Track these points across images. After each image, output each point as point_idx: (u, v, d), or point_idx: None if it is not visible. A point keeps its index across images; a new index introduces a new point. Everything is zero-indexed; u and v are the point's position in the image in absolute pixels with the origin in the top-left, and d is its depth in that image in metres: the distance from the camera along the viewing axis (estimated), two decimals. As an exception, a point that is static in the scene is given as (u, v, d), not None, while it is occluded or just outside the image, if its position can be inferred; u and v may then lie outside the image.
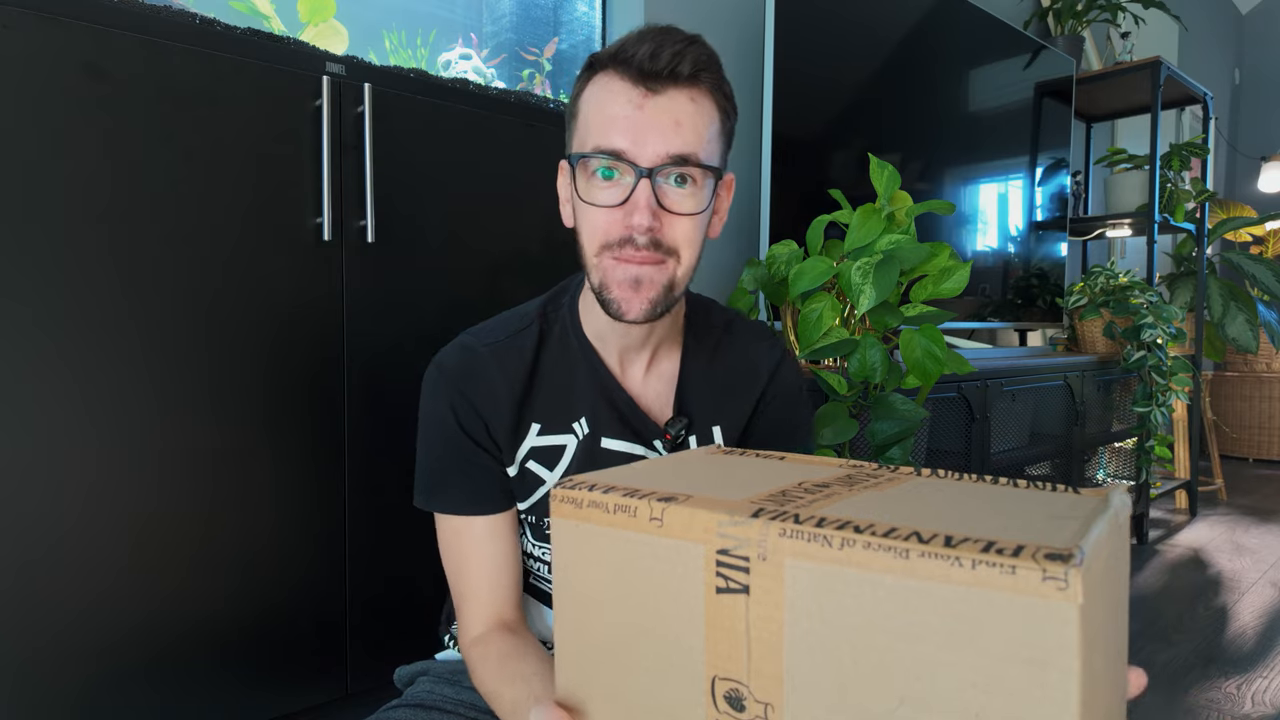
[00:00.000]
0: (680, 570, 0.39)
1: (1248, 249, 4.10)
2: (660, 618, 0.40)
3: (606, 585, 0.43)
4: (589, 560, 0.43)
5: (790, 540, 0.36)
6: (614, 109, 0.67)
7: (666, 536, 0.40)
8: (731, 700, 0.38)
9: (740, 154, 1.96)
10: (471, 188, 1.19)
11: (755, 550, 0.37)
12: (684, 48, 0.67)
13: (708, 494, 0.41)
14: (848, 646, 0.35)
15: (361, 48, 1.47)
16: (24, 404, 0.83)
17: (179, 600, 0.94)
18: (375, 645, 1.11)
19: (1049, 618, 0.30)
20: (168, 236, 0.92)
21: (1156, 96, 2.73)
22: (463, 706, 0.77)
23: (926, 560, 0.32)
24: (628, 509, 0.41)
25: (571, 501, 0.44)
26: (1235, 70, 4.97)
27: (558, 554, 0.45)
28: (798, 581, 0.36)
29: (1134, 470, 2.53)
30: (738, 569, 0.37)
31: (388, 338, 1.10)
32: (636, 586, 0.41)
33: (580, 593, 0.44)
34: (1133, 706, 0.46)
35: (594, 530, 0.43)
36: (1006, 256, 2.44)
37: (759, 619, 0.37)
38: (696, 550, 0.39)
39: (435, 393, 0.75)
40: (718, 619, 0.38)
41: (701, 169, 0.68)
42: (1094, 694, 0.33)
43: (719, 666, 0.39)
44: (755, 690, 0.37)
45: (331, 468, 1.06)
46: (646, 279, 0.69)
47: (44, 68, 0.83)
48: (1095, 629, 0.32)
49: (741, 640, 0.38)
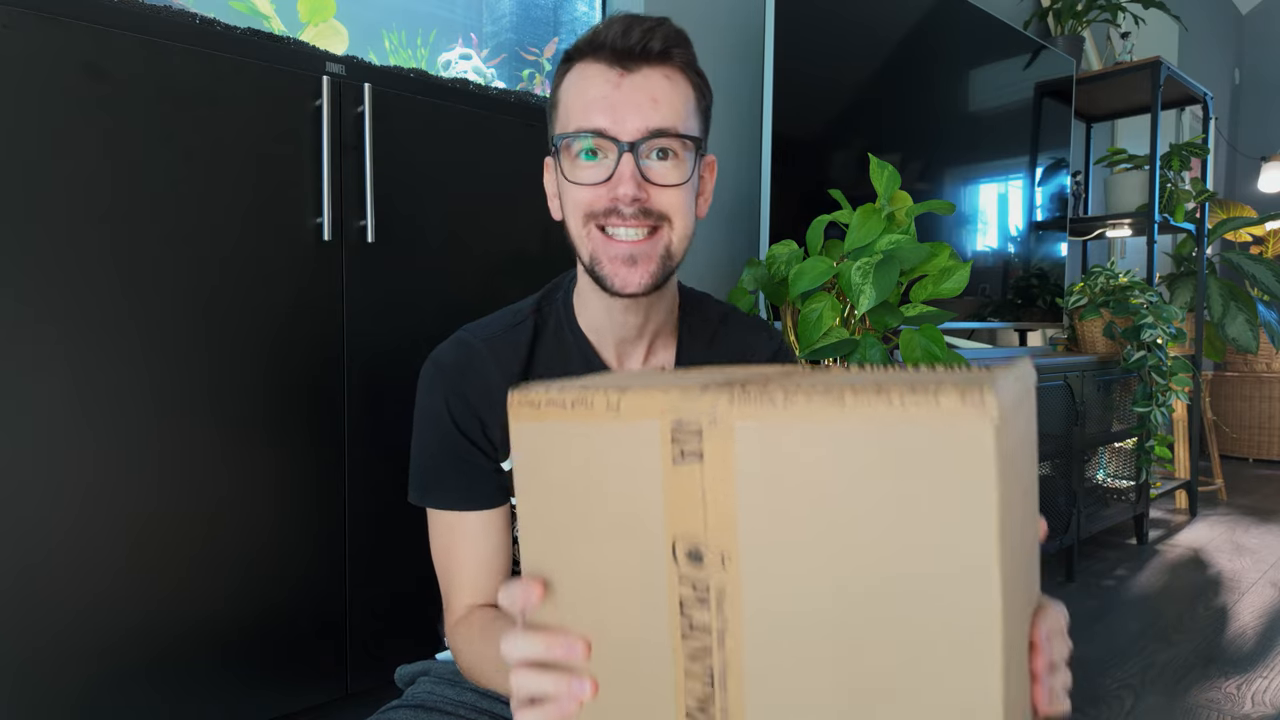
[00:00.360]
0: (638, 449, 0.42)
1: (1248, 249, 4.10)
2: (621, 496, 0.43)
3: (568, 476, 0.44)
4: (550, 456, 0.45)
5: (739, 405, 0.39)
6: (592, 91, 0.68)
7: (624, 421, 0.42)
8: (691, 555, 0.41)
9: (740, 154, 1.96)
10: (471, 188, 1.19)
11: (707, 418, 0.40)
12: (654, 26, 0.68)
13: (659, 384, 0.44)
14: (792, 492, 0.38)
15: (361, 48, 1.47)
16: (24, 404, 0.83)
17: (179, 600, 0.94)
18: (375, 645, 1.11)
19: (969, 437, 0.33)
20: (168, 236, 0.92)
21: (1156, 96, 2.73)
22: (463, 707, 0.77)
23: (860, 403, 0.36)
24: (585, 402, 0.43)
25: (529, 404, 0.45)
26: (1235, 70, 4.97)
27: (518, 457, 0.46)
28: (747, 440, 0.39)
29: (1134, 470, 2.53)
30: (692, 437, 0.40)
31: (388, 338, 1.10)
32: (597, 472, 0.43)
33: (543, 486, 0.46)
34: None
35: (553, 427, 0.44)
36: (1006, 256, 2.44)
37: (714, 481, 0.40)
38: (652, 427, 0.41)
39: (431, 388, 0.75)
40: (676, 488, 0.41)
41: (681, 139, 0.69)
42: (1010, 521, 0.36)
43: (678, 530, 0.41)
44: (712, 543, 0.40)
45: (331, 468, 1.06)
46: (641, 254, 0.69)
47: (44, 68, 0.83)
48: (1009, 460, 0.35)
49: (698, 503, 0.40)
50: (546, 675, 0.46)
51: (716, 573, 0.40)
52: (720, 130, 1.91)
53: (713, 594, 0.40)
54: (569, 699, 0.45)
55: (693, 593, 0.41)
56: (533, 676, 0.46)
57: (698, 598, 0.41)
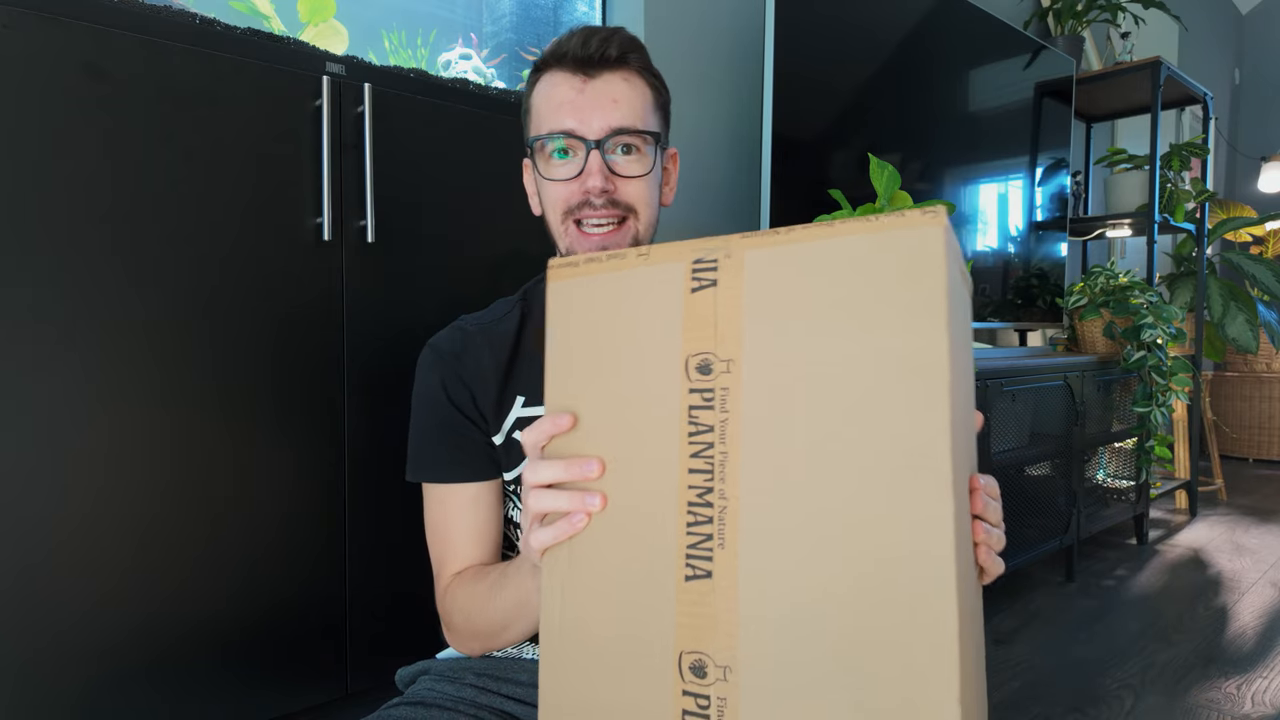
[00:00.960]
0: (663, 284, 0.48)
1: (1248, 249, 4.10)
2: (645, 327, 0.49)
3: (597, 318, 0.50)
4: (583, 304, 0.51)
5: (749, 238, 0.46)
6: (559, 96, 0.75)
7: (652, 264, 0.49)
8: (701, 368, 0.47)
9: (740, 154, 1.96)
10: (471, 188, 1.19)
11: (723, 251, 0.47)
12: (610, 34, 0.75)
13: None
14: (790, 300, 0.45)
15: (361, 48, 1.47)
16: (25, 404, 0.84)
17: (179, 600, 0.94)
18: (375, 645, 1.11)
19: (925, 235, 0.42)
20: (168, 236, 0.92)
21: (1156, 96, 2.73)
22: (463, 704, 0.77)
23: (846, 224, 0.44)
24: (619, 255, 0.50)
25: (569, 264, 0.52)
26: (1235, 70, 4.97)
27: (553, 310, 0.52)
28: (755, 265, 0.46)
29: (1134, 470, 2.53)
30: (709, 269, 0.47)
31: (388, 338, 1.10)
32: (625, 309, 0.49)
33: (573, 332, 0.51)
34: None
35: (587, 280, 0.51)
36: (1006, 256, 2.44)
37: (725, 301, 0.46)
38: (676, 267, 0.48)
39: (428, 370, 0.81)
40: (693, 311, 0.47)
41: (641, 135, 0.76)
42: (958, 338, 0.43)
43: (692, 347, 0.47)
44: (719, 354, 0.46)
45: (332, 467, 1.06)
46: (612, 245, 0.76)
47: (44, 68, 0.84)
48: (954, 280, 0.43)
49: (710, 322, 0.47)
50: (560, 493, 0.50)
51: (722, 378, 0.46)
52: (720, 130, 1.91)
53: (716, 396, 0.46)
54: (579, 512, 0.49)
55: (700, 400, 0.47)
56: (547, 495, 0.50)
57: (704, 402, 0.46)
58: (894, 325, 0.42)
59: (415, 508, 0.83)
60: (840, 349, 0.43)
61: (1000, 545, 0.50)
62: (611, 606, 0.48)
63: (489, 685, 0.80)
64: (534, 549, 0.51)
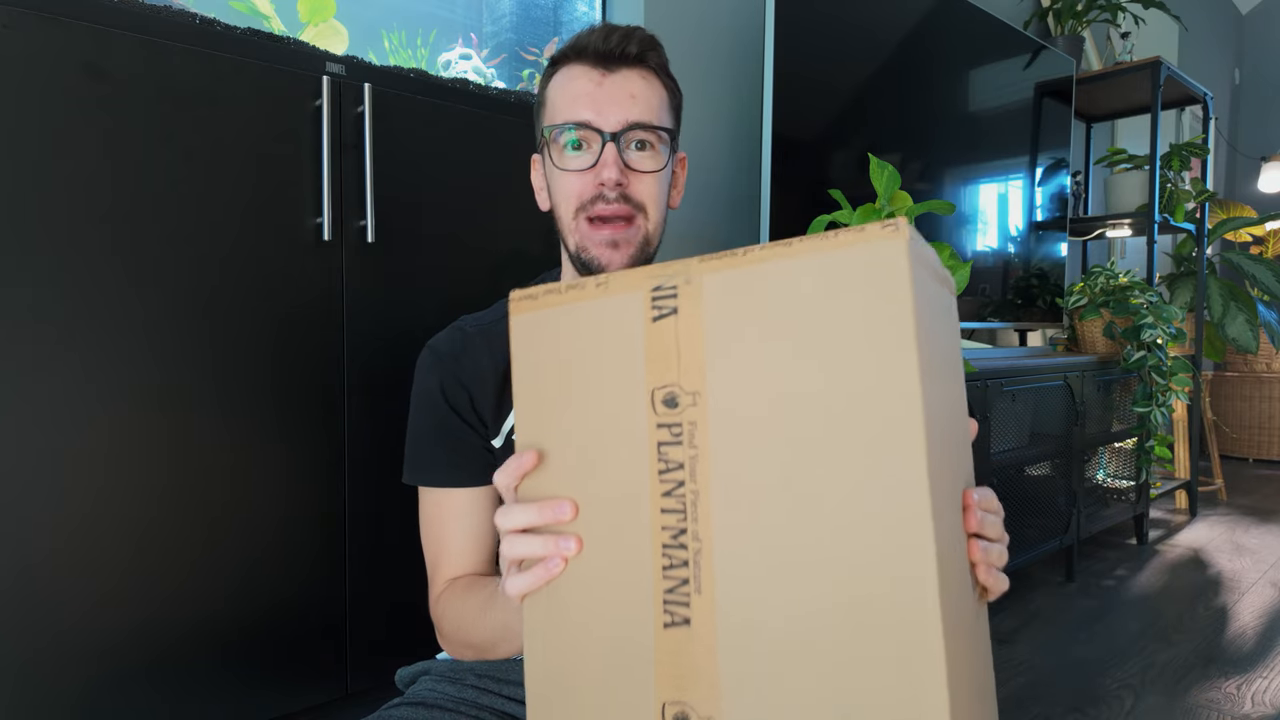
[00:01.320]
0: (623, 315, 0.47)
1: (1248, 249, 4.10)
2: (607, 359, 0.47)
3: (562, 352, 0.49)
4: (544, 338, 0.50)
5: (708, 262, 0.45)
6: (576, 88, 0.76)
7: (611, 294, 0.47)
8: (668, 401, 0.46)
9: (740, 154, 1.96)
10: (471, 188, 1.19)
11: (682, 278, 0.45)
12: (630, 31, 0.76)
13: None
14: (750, 323, 0.43)
15: (361, 48, 1.47)
16: (24, 404, 0.83)
17: (179, 600, 0.94)
18: (375, 645, 1.11)
19: (886, 250, 0.40)
20: (168, 237, 0.92)
21: (1156, 96, 2.73)
22: (464, 704, 0.77)
23: (804, 242, 0.42)
24: (578, 286, 0.49)
25: (529, 297, 0.50)
26: (1235, 70, 4.97)
27: (516, 345, 0.51)
28: (714, 289, 0.44)
29: (1134, 470, 2.53)
30: (668, 297, 0.46)
31: (388, 338, 1.10)
32: (587, 343, 0.48)
33: (537, 366, 0.50)
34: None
35: (548, 314, 0.50)
36: (1006, 256, 2.44)
37: (686, 330, 0.45)
38: (636, 296, 0.46)
39: (426, 372, 0.81)
40: (654, 342, 0.46)
41: (657, 132, 0.76)
42: (931, 359, 0.41)
43: (656, 379, 0.46)
44: (685, 385, 0.45)
45: (332, 468, 1.06)
46: (623, 239, 0.76)
47: (44, 68, 0.83)
48: (925, 299, 0.41)
49: (673, 352, 0.45)
50: (535, 538, 0.49)
51: (689, 411, 0.45)
52: (720, 130, 1.91)
53: (685, 430, 0.45)
54: (555, 556, 0.48)
55: (669, 435, 0.45)
56: (522, 541, 0.49)
57: (673, 437, 0.45)
58: (860, 349, 0.40)
59: (415, 508, 0.83)
60: (806, 377, 0.42)
61: (1002, 561, 0.49)
62: (592, 654, 0.47)
63: (490, 686, 0.79)
64: (512, 595, 0.50)
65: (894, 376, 0.39)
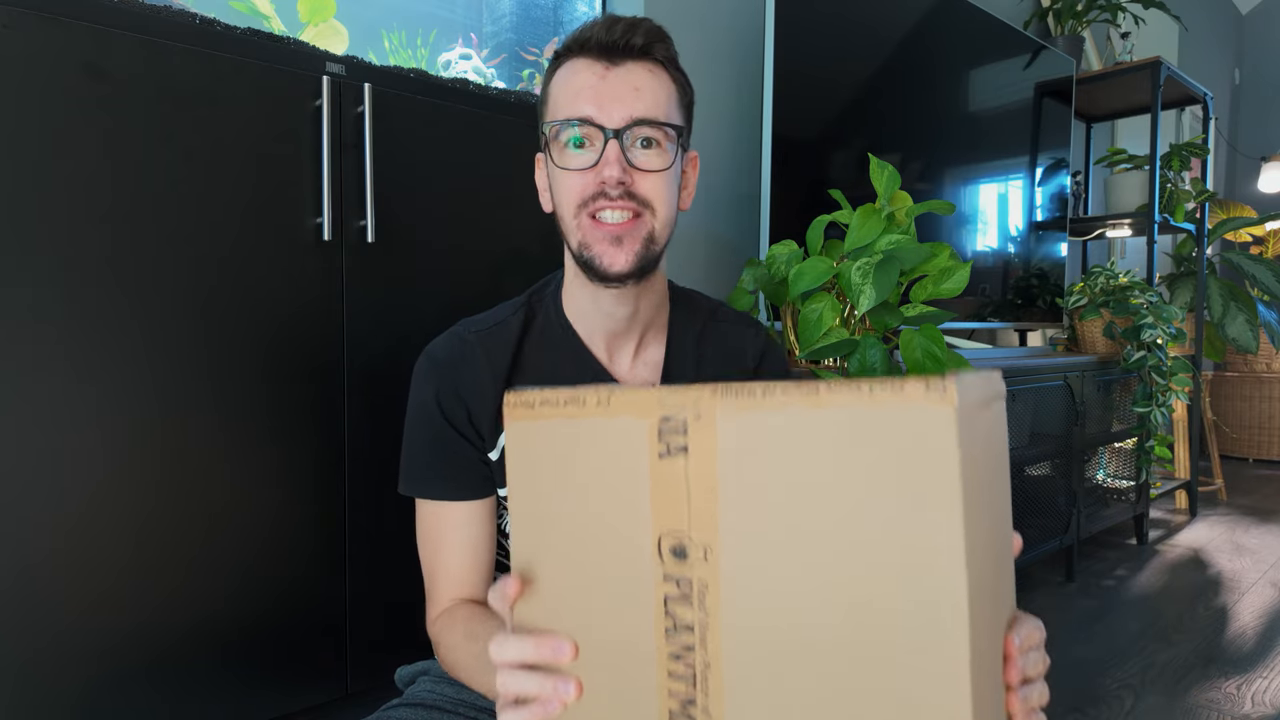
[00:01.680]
0: (626, 444, 0.43)
1: (1248, 249, 4.10)
2: (610, 492, 0.44)
3: (559, 469, 0.46)
4: (542, 454, 0.46)
5: (721, 398, 0.41)
6: (579, 83, 0.72)
7: (613, 416, 0.43)
8: (676, 552, 0.42)
9: (740, 154, 1.96)
10: (471, 188, 1.19)
11: (692, 412, 0.41)
12: (636, 22, 0.72)
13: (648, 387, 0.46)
14: (770, 479, 0.39)
15: (361, 48, 1.47)
16: (24, 404, 0.83)
17: (179, 601, 0.94)
18: (375, 645, 1.11)
19: (932, 421, 0.35)
20: (168, 237, 0.92)
21: (1156, 96, 2.73)
22: (463, 706, 0.77)
23: (832, 392, 0.38)
24: (577, 400, 0.45)
25: (525, 404, 0.47)
26: (1235, 70, 4.97)
27: (512, 455, 0.48)
28: (728, 431, 0.40)
29: (1134, 470, 2.53)
30: (677, 433, 0.42)
31: (388, 338, 1.10)
32: (586, 465, 0.45)
33: (534, 483, 0.47)
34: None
35: (546, 425, 0.46)
36: (1006, 256, 2.44)
37: (697, 473, 0.41)
38: (640, 425, 0.43)
39: (423, 381, 0.78)
40: (662, 481, 0.42)
41: (663, 128, 0.72)
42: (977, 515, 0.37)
43: (664, 524, 0.42)
44: (696, 537, 0.41)
45: (331, 468, 1.06)
46: (626, 235, 0.72)
47: (44, 68, 0.83)
48: (974, 458, 0.37)
49: (683, 496, 0.42)
50: (532, 676, 0.46)
51: (699, 567, 0.41)
52: (720, 130, 1.91)
53: (695, 589, 0.41)
54: (554, 700, 0.45)
55: (676, 590, 0.42)
56: (519, 677, 0.47)
57: (681, 594, 0.42)
58: (897, 522, 0.36)
59: (414, 509, 0.82)
60: (833, 548, 0.38)
61: (1043, 700, 0.45)
62: None
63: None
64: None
65: (936, 558, 0.35)
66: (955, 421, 0.35)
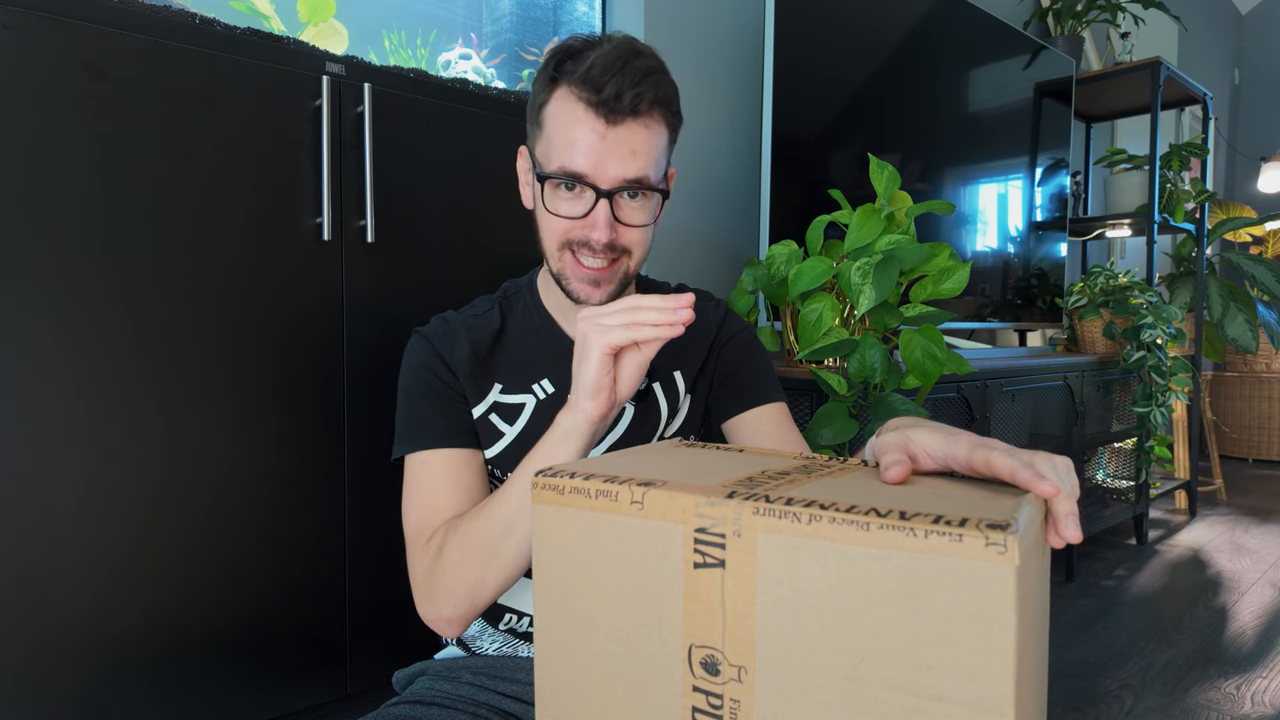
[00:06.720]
0: (660, 548, 0.42)
1: (1247, 249, 4.10)
2: (640, 593, 0.43)
3: (588, 565, 0.45)
4: (571, 543, 0.45)
5: (763, 518, 0.39)
6: (577, 133, 0.73)
7: (647, 518, 0.42)
8: (707, 666, 0.41)
9: (740, 154, 1.96)
10: (471, 188, 1.19)
11: (731, 527, 0.40)
12: (644, 89, 0.72)
13: (682, 480, 0.44)
14: (813, 611, 0.38)
15: (361, 48, 1.47)
16: (24, 404, 0.84)
17: (179, 600, 0.94)
18: (375, 645, 1.11)
19: (991, 578, 0.34)
20: (167, 237, 0.92)
21: (1156, 97, 2.73)
22: (461, 701, 0.77)
23: (884, 531, 0.36)
24: (609, 494, 0.44)
25: (553, 489, 0.45)
26: (1235, 70, 4.97)
27: (539, 540, 0.47)
28: (770, 554, 0.39)
29: (1134, 470, 2.53)
30: (714, 545, 0.40)
31: (388, 338, 1.10)
32: (617, 565, 0.44)
33: (561, 573, 0.46)
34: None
35: (576, 515, 0.45)
36: (1006, 257, 2.44)
37: (734, 590, 0.40)
38: (675, 530, 0.42)
39: (413, 352, 0.85)
40: (695, 592, 0.41)
41: (651, 190, 0.76)
42: (1026, 650, 0.36)
43: (696, 636, 0.41)
44: (730, 655, 0.40)
45: (331, 467, 1.06)
46: (605, 279, 0.78)
47: (44, 68, 0.83)
48: (1027, 591, 0.36)
49: (717, 611, 0.41)
50: None
51: (732, 685, 0.40)
52: (720, 130, 1.91)
53: (726, 708, 0.40)
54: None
55: (706, 702, 0.41)
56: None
57: (711, 707, 0.41)
58: (944, 671, 0.35)
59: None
60: (873, 687, 0.36)
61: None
62: None
63: (486, 684, 0.80)
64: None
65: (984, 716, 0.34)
66: (1015, 579, 0.33)
